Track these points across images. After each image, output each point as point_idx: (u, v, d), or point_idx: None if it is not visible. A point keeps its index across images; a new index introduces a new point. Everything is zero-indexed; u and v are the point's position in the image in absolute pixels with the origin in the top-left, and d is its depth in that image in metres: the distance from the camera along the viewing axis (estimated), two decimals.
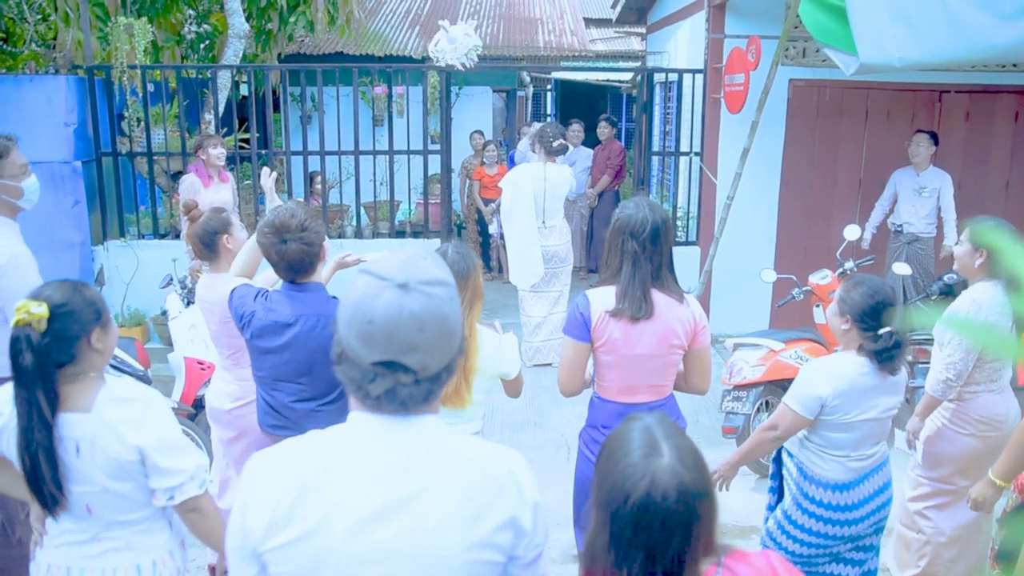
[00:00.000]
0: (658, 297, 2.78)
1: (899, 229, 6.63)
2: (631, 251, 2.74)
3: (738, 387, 4.94)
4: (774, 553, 1.51)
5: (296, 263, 2.91)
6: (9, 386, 2.10)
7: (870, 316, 2.84)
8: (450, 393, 2.81)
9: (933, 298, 5.47)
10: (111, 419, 2.10)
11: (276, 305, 2.93)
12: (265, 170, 3.74)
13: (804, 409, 2.91)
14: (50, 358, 2.05)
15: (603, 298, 2.78)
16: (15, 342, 2.02)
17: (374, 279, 1.35)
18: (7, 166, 3.13)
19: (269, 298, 2.96)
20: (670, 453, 1.42)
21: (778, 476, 3.21)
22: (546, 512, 1.53)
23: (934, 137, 6.47)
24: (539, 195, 6.48)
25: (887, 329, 2.83)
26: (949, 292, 5.24)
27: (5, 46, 7.17)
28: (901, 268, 5.68)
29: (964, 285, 4.40)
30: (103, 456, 2.09)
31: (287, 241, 2.86)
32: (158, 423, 2.16)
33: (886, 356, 2.84)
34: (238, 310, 2.97)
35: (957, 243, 3.57)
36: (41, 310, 2.03)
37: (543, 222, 6.56)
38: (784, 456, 3.13)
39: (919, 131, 6.52)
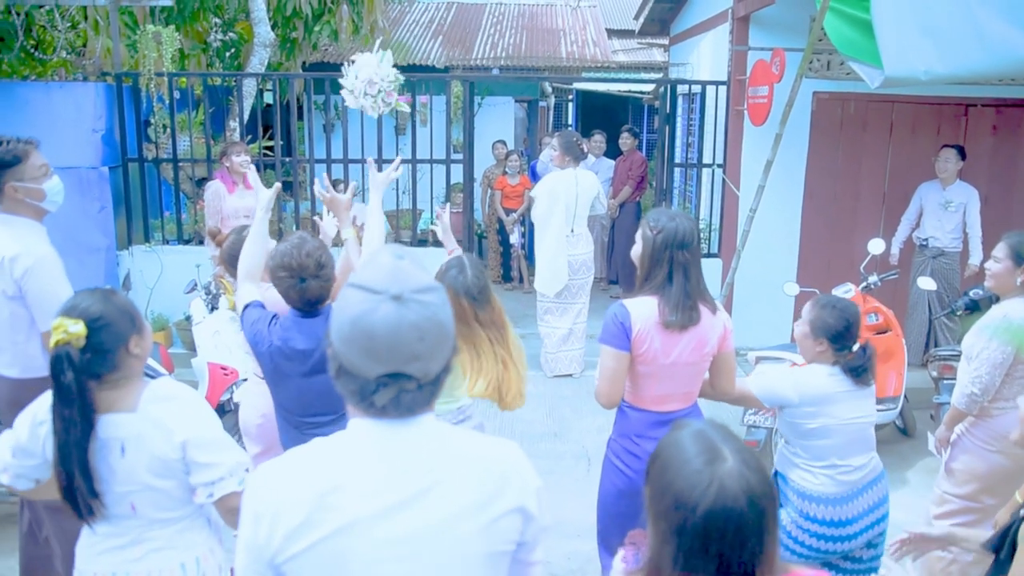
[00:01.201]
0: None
1: (924, 243, 6.57)
2: (682, 262, 2.75)
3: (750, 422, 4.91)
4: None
5: (315, 299, 2.92)
6: (49, 396, 2.12)
7: (844, 336, 2.99)
8: (515, 396, 2.98)
9: (958, 313, 5.41)
10: (156, 416, 2.13)
11: (291, 333, 2.91)
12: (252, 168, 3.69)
13: (765, 399, 3.06)
14: (91, 373, 2.07)
15: (642, 308, 2.77)
16: (56, 362, 2.03)
17: (367, 294, 1.36)
18: (27, 169, 3.16)
19: (283, 326, 2.94)
20: (733, 456, 1.37)
21: None
22: (548, 497, 1.56)
23: (961, 152, 6.41)
24: (571, 202, 6.50)
25: (859, 345, 3.03)
26: (975, 308, 5.19)
27: (36, 53, 7.27)
28: (926, 283, 5.63)
29: (990, 301, 4.35)
30: (148, 454, 2.12)
31: (305, 280, 2.87)
32: (200, 419, 2.21)
33: (862, 370, 3.00)
34: (252, 337, 2.96)
35: (984, 260, 3.54)
36: (79, 328, 2.04)
37: (572, 230, 6.57)
38: (779, 480, 3.15)
39: (946, 146, 6.46)
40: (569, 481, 4.93)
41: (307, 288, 2.87)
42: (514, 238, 9.18)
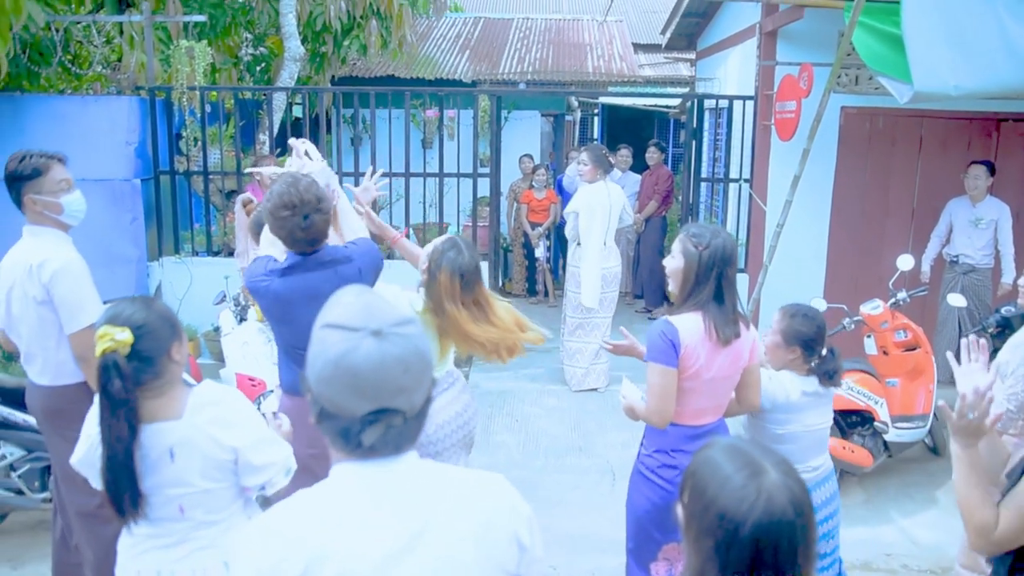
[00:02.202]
0: None
1: (954, 260, 6.49)
2: (730, 277, 2.80)
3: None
4: None
5: (320, 235, 2.93)
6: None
7: (815, 341, 3.14)
8: (522, 345, 3.20)
9: (990, 331, 5.34)
10: (203, 422, 2.17)
11: (294, 272, 2.93)
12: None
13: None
14: (136, 380, 2.10)
15: (688, 324, 2.78)
16: (104, 371, 2.06)
17: (345, 332, 1.34)
18: (46, 182, 3.22)
19: (287, 268, 2.95)
20: (774, 468, 1.40)
21: None
22: (539, 525, 1.54)
23: (991, 167, 6.33)
24: (605, 215, 6.53)
25: (828, 348, 3.17)
26: (1007, 325, 5.13)
27: (72, 67, 7.42)
28: (956, 299, 5.56)
29: (1023, 318, 4.30)
30: (201, 457, 2.16)
31: (309, 216, 2.86)
32: (248, 421, 2.24)
33: (833, 371, 3.17)
34: (253, 283, 2.98)
35: (1017, 277, 3.50)
36: (126, 336, 2.07)
37: (604, 243, 6.59)
38: None
39: (974, 162, 6.38)
40: (595, 495, 4.92)
41: (312, 223, 2.88)
42: (539, 252, 9.19)
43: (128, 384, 2.07)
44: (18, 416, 4.08)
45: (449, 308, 3.08)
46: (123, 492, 2.10)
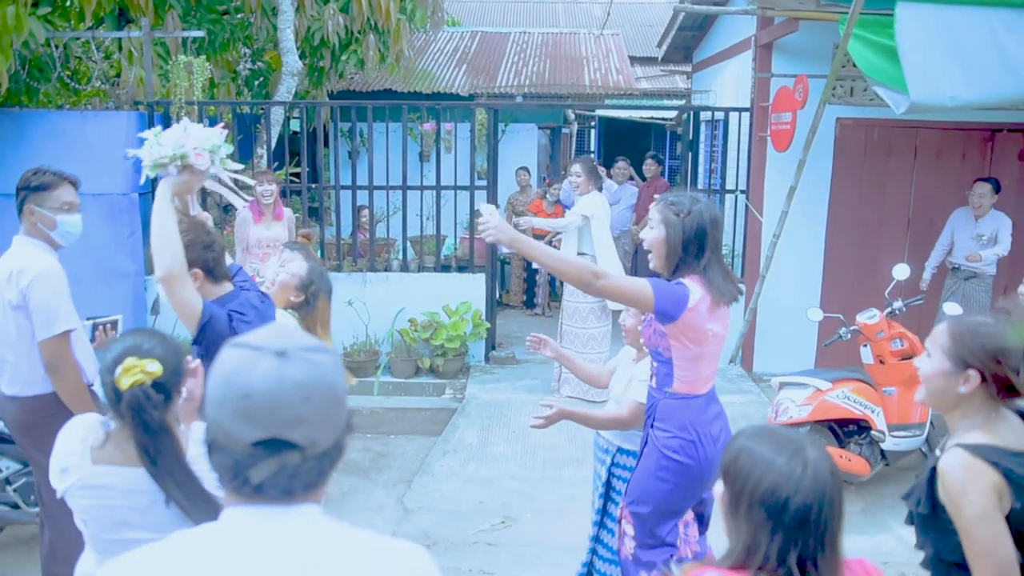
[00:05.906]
0: None
1: (956, 267, 6.51)
2: (717, 239, 2.80)
3: (784, 426, 4.88)
4: (867, 561, 1.62)
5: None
6: (78, 434, 2.07)
7: None
8: None
9: None
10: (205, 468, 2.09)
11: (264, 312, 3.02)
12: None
13: None
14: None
15: (695, 286, 2.75)
16: (138, 406, 1.94)
17: (247, 350, 1.21)
18: (49, 198, 3.33)
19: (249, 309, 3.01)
20: (811, 447, 1.54)
21: (602, 511, 3.45)
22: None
23: (996, 185, 6.35)
24: (607, 222, 6.57)
25: None
26: None
27: (72, 83, 7.46)
28: (952, 308, 5.57)
29: None
30: None
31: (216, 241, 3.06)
32: None
33: None
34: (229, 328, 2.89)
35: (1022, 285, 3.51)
36: (156, 368, 1.96)
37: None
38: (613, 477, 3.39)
39: (980, 180, 6.40)
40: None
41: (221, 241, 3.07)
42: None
43: (162, 415, 1.95)
44: None
45: (320, 333, 3.34)
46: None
